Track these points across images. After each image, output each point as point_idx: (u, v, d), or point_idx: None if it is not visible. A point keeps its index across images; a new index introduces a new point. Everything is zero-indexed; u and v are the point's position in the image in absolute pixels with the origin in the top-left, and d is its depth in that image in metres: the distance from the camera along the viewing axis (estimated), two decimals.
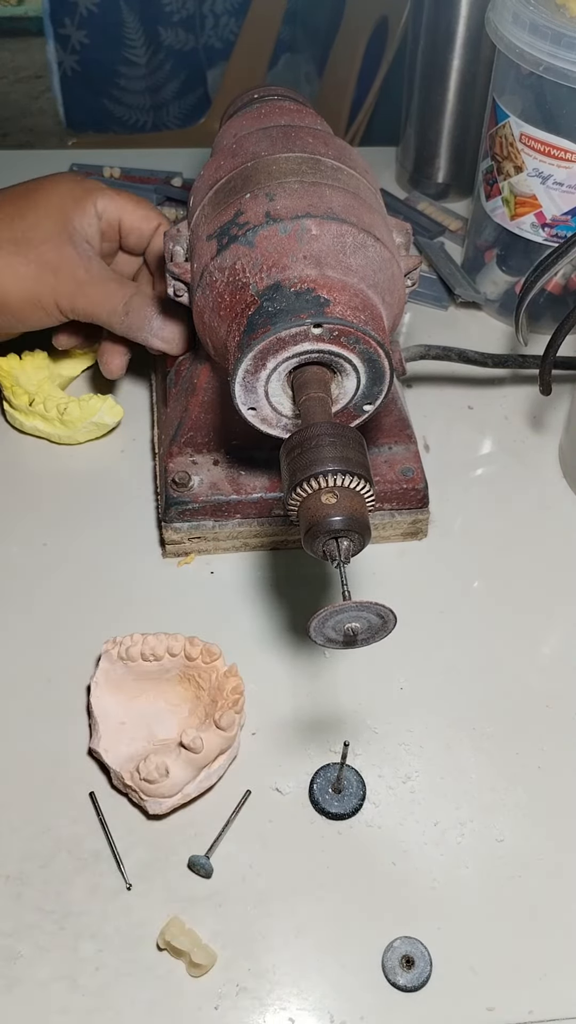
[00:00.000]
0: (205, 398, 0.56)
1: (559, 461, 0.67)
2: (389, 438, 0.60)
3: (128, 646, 0.50)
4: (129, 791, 0.48)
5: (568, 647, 0.57)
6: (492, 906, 0.47)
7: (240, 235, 0.47)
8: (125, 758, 0.49)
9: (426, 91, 0.84)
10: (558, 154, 0.65)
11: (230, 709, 0.48)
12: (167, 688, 0.51)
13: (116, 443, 0.66)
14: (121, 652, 0.50)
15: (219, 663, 0.50)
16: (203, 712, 0.50)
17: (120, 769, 0.48)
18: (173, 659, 0.50)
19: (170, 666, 0.51)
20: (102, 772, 0.50)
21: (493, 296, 0.77)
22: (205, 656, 0.50)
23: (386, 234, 0.50)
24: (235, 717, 0.48)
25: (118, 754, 0.49)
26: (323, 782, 0.50)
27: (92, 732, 0.50)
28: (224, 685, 0.50)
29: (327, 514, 0.39)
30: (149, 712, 0.51)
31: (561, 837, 0.49)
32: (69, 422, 0.64)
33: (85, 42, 1.73)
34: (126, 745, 0.49)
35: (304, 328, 0.44)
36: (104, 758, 0.49)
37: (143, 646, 0.50)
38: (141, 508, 0.62)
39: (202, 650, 0.50)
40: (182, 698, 0.51)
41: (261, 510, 0.59)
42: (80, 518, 0.62)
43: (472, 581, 0.60)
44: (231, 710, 0.48)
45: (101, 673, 0.51)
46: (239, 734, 0.50)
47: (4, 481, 0.64)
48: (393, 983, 0.44)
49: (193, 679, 0.51)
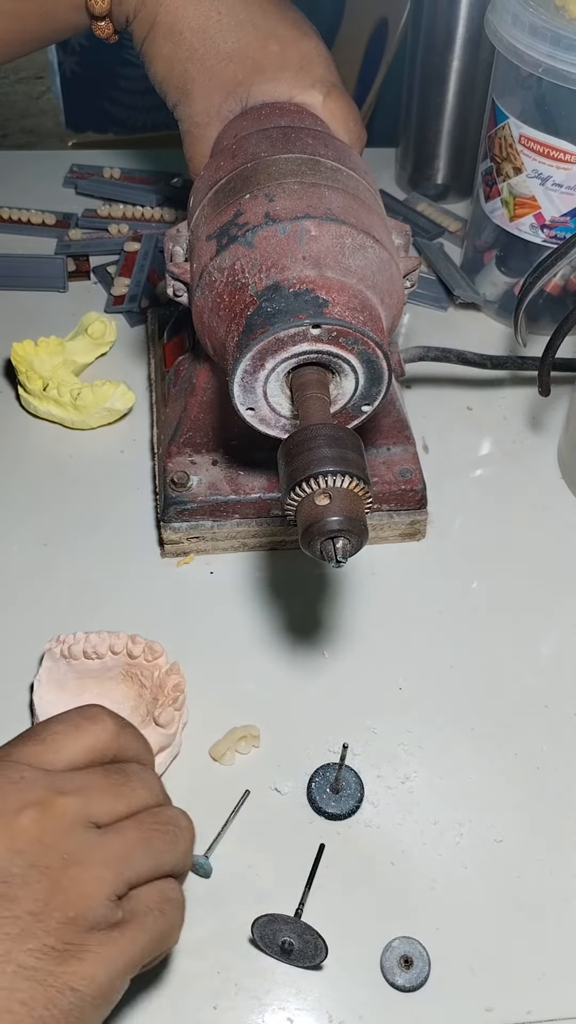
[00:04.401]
0: (204, 398, 0.56)
1: (558, 462, 0.67)
2: (388, 439, 0.60)
3: (71, 644, 0.50)
4: None
5: (567, 647, 0.57)
6: (491, 906, 0.47)
7: (239, 235, 0.47)
8: None
9: (426, 92, 0.84)
10: (557, 155, 0.65)
11: (170, 706, 0.49)
12: (110, 687, 0.51)
13: (117, 442, 0.66)
14: (64, 650, 0.50)
15: (161, 661, 0.50)
16: (145, 710, 0.50)
17: None
18: (115, 657, 0.50)
19: (112, 664, 0.51)
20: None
21: (492, 297, 0.77)
22: (147, 654, 0.50)
23: (385, 235, 0.50)
24: (175, 714, 0.48)
25: None
26: (321, 782, 0.50)
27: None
28: (166, 683, 0.50)
29: (324, 515, 0.39)
30: None
31: (560, 837, 0.49)
32: (82, 407, 0.65)
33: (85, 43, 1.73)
34: None
35: (303, 329, 0.44)
36: None
37: (85, 644, 0.50)
38: (141, 508, 0.62)
39: (144, 648, 0.50)
40: (125, 696, 0.51)
41: (260, 510, 0.59)
42: (80, 517, 0.62)
43: (471, 582, 0.60)
44: (171, 707, 0.48)
45: (44, 671, 0.51)
46: (180, 732, 0.50)
47: (14, 466, 0.65)
48: (392, 983, 0.44)
49: (136, 677, 0.51)
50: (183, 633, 0.56)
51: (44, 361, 0.67)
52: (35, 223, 0.83)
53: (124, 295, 0.77)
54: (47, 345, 0.68)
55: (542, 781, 0.51)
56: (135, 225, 0.83)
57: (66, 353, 0.69)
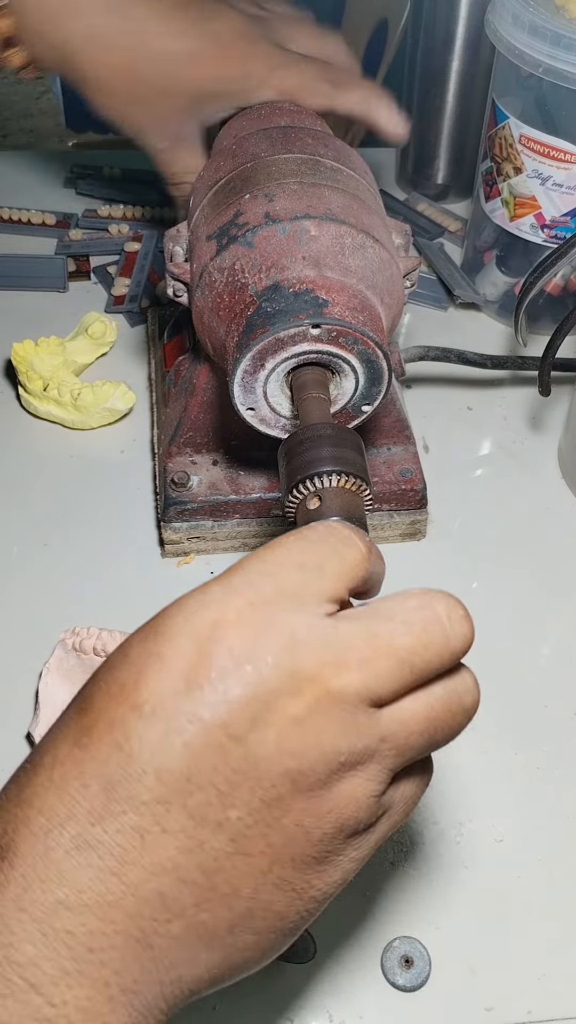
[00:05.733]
0: (204, 398, 0.56)
1: (558, 462, 0.67)
2: (388, 439, 0.60)
3: (83, 638, 0.50)
4: None
5: (567, 647, 0.57)
6: (491, 906, 0.47)
7: (239, 236, 0.47)
8: None
9: (426, 92, 0.84)
10: (557, 155, 0.65)
11: None
12: None
13: (118, 441, 0.66)
14: (76, 643, 0.50)
15: None
16: None
17: None
18: None
19: None
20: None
21: (492, 297, 0.77)
22: None
23: (385, 235, 0.50)
24: None
25: None
26: None
27: (33, 716, 0.50)
28: None
29: (324, 514, 0.39)
30: None
31: (560, 837, 0.49)
32: (82, 407, 0.65)
33: None
34: None
35: (302, 329, 0.44)
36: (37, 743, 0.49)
37: (96, 640, 0.50)
38: (141, 508, 0.62)
39: None
40: None
41: (260, 510, 0.59)
42: (80, 517, 0.62)
43: (471, 582, 0.60)
44: None
45: (55, 660, 0.51)
46: None
47: (15, 466, 0.65)
48: (392, 983, 0.44)
49: None
50: None
51: (44, 361, 0.67)
52: (35, 223, 0.83)
53: (124, 295, 0.77)
54: (47, 345, 0.68)
55: (542, 781, 0.51)
56: (135, 225, 0.83)
57: (66, 353, 0.69)
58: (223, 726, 0.27)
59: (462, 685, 0.31)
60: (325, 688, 0.28)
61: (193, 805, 0.27)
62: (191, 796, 0.27)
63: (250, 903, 0.28)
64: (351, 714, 0.28)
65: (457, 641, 0.30)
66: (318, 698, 0.28)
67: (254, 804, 0.28)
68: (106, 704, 0.28)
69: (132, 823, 0.27)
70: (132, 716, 0.27)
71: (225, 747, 0.27)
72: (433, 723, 0.30)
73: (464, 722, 0.31)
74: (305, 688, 0.27)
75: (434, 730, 0.30)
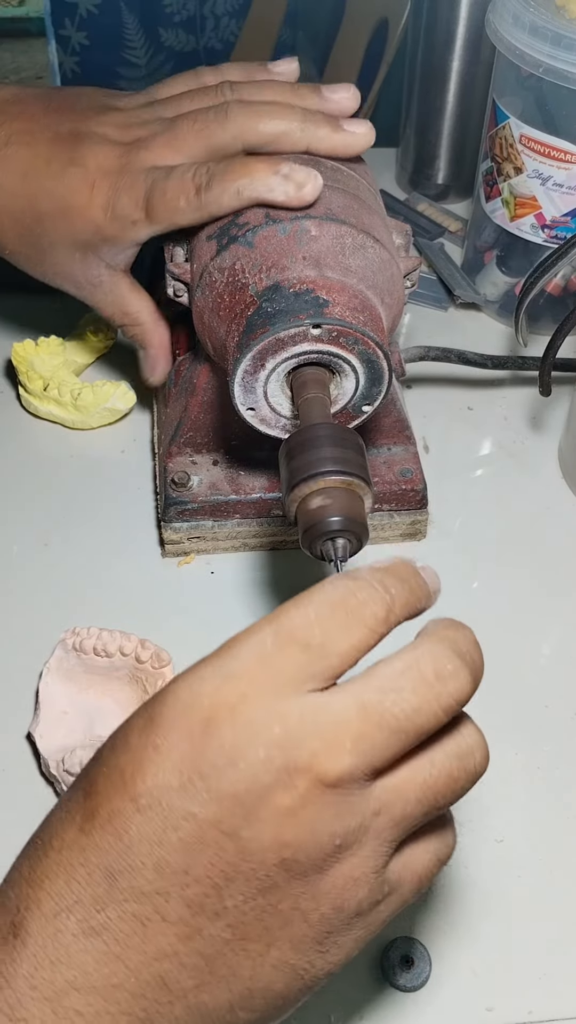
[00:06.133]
0: (204, 398, 0.56)
1: (559, 462, 0.67)
2: (388, 439, 0.60)
3: (83, 638, 0.50)
4: (55, 780, 0.48)
5: (567, 647, 0.57)
6: (492, 906, 0.47)
7: (240, 235, 0.47)
8: (58, 747, 0.48)
9: (426, 92, 0.84)
10: (558, 155, 0.65)
11: None
12: (115, 687, 0.51)
13: (118, 441, 0.66)
14: (76, 643, 0.50)
15: (167, 670, 0.50)
16: None
17: (49, 757, 0.48)
18: (124, 659, 0.50)
19: (120, 665, 0.50)
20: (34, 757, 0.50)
21: (493, 297, 0.77)
22: (154, 661, 0.50)
23: (385, 235, 0.50)
24: None
25: (52, 741, 0.49)
26: None
27: (34, 716, 0.50)
28: None
29: (325, 515, 0.39)
30: (93, 707, 0.51)
31: (561, 837, 0.49)
32: (83, 407, 0.65)
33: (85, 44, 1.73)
34: (63, 735, 0.49)
35: (303, 329, 0.44)
36: (37, 743, 0.49)
37: (96, 640, 0.50)
38: (141, 508, 0.62)
39: (152, 654, 0.50)
40: (128, 699, 0.51)
41: (260, 510, 0.59)
42: (81, 517, 0.62)
43: (471, 582, 0.60)
44: None
45: (55, 660, 0.51)
46: None
47: (15, 466, 0.64)
48: (392, 983, 0.44)
49: (141, 682, 0.50)
50: (184, 633, 0.55)
51: (45, 361, 0.67)
52: None
53: None
54: (48, 345, 0.68)
55: (542, 781, 0.51)
56: None
57: (67, 353, 0.69)
58: (216, 823, 0.28)
59: (464, 745, 0.31)
60: (318, 777, 0.28)
61: (191, 896, 0.28)
62: (188, 888, 0.28)
63: (249, 984, 0.29)
64: (344, 796, 0.28)
65: (448, 699, 0.30)
66: (310, 788, 0.28)
67: (250, 893, 0.28)
68: (108, 793, 0.29)
69: (133, 911, 0.28)
70: (130, 808, 0.28)
71: (219, 842, 0.28)
72: (431, 789, 0.30)
73: (468, 784, 0.31)
74: (298, 780, 0.28)
75: (434, 796, 0.30)
